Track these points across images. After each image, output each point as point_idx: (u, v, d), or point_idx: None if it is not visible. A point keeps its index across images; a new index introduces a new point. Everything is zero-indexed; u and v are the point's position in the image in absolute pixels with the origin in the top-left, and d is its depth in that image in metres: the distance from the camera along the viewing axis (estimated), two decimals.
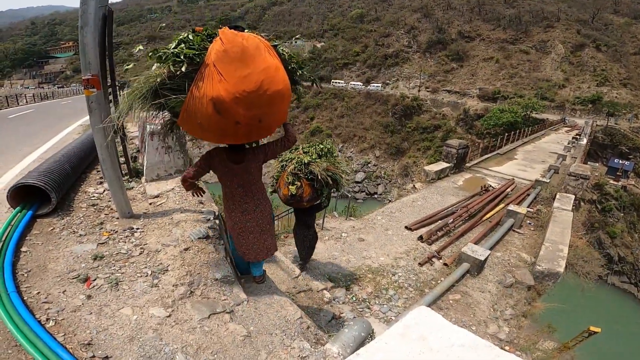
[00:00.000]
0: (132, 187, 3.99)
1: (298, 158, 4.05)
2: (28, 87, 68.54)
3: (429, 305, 4.85)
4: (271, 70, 2.09)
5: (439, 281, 5.57)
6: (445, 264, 6.08)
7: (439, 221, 7.78)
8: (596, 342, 5.02)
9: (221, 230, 3.25)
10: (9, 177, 4.73)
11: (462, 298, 5.23)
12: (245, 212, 2.63)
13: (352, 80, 60.03)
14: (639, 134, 36.31)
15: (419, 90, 53.07)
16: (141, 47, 2.73)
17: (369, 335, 2.42)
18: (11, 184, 3.14)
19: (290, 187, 3.93)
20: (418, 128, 48.86)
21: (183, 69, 2.02)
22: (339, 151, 50.82)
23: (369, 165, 49.38)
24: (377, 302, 4.99)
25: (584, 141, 24.59)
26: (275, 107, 2.23)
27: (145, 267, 2.55)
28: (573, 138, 25.82)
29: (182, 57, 2.03)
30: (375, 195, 45.31)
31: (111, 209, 3.47)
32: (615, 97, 43.23)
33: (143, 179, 4.00)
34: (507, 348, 4.40)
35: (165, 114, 2.43)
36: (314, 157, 4.05)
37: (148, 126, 3.78)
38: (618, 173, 31.31)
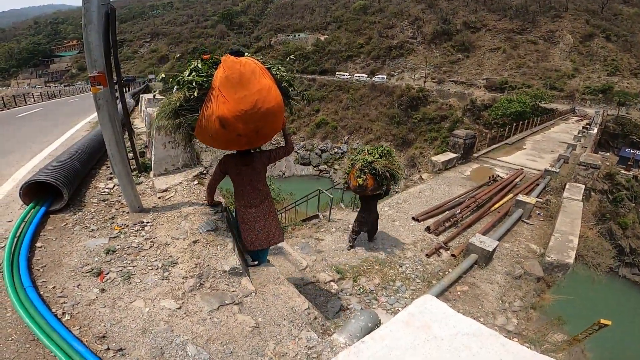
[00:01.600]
0: (141, 182, 4.04)
1: (364, 158, 5.28)
2: (35, 87, 69.15)
3: (437, 297, 4.85)
4: (264, 91, 2.51)
5: (446, 272, 5.56)
6: (452, 255, 6.06)
7: (447, 212, 7.74)
8: (606, 335, 4.96)
9: (229, 223, 3.27)
10: (21, 174, 4.82)
11: (470, 289, 5.21)
12: (252, 205, 3.08)
13: (356, 72, 59.57)
14: None
15: (424, 81, 52.47)
16: (164, 75, 2.91)
17: (376, 326, 2.44)
18: (23, 182, 3.20)
19: (358, 179, 5.24)
20: (424, 119, 48.38)
21: (195, 94, 2.52)
22: (345, 143, 50.76)
23: None
24: (384, 293, 4.99)
25: (595, 131, 24.13)
26: (269, 121, 2.64)
27: (156, 260, 2.60)
28: (583, 128, 25.35)
29: (194, 84, 2.53)
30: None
31: (121, 203, 3.52)
32: (626, 86, 42.34)
33: (151, 174, 4.04)
34: (515, 340, 4.39)
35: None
36: (376, 157, 5.27)
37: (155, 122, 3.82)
38: (629, 163, 30.69)
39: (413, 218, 7.36)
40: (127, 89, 22.64)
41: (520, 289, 5.44)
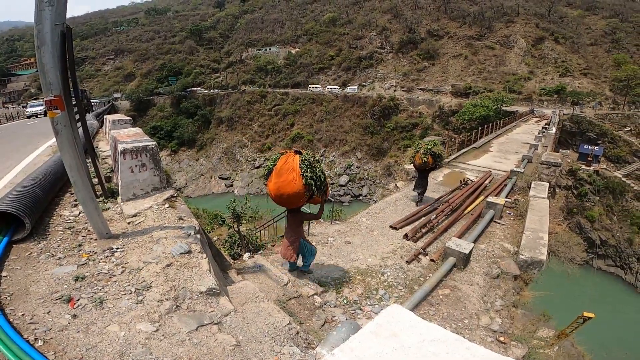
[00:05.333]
0: (109, 208, 3.87)
1: (426, 146, 8.54)
2: None
3: (419, 302, 4.90)
4: (285, 182, 4.24)
5: (427, 277, 5.65)
6: (432, 260, 6.18)
7: (423, 218, 7.92)
8: (592, 327, 5.15)
9: (203, 244, 3.19)
10: None
11: (452, 292, 5.31)
12: (286, 235, 4.99)
13: (328, 84, 60.47)
14: (604, 120, 38.26)
15: (394, 90, 54.02)
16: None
17: None
18: None
19: (423, 158, 8.37)
20: (397, 127, 49.66)
21: (266, 174, 4.53)
22: (321, 156, 51.13)
23: (352, 167, 49.79)
24: (368, 302, 5.01)
25: (553, 130, 25.64)
26: (285, 199, 4.41)
27: (129, 285, 2.52)
28: (542, 128, 26.82)
29: (266, 170, 4.50)
30: (361, 197, 45.64)
31: (88, 230, 3.38)
32: (578, 86, 45.40)
33: (119, 199, 3.87)
34: (501, 339, 4.47)
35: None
36: (433, 145, 8.58)
37: (119, 145, 3.66)
38: (589, 158, 32.85)
39: (391, 226, 7.46)
40: (89, 109, 21.51)
41: (500, 288, 5.60)
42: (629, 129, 37.27)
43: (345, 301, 4.98)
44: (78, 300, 2.34)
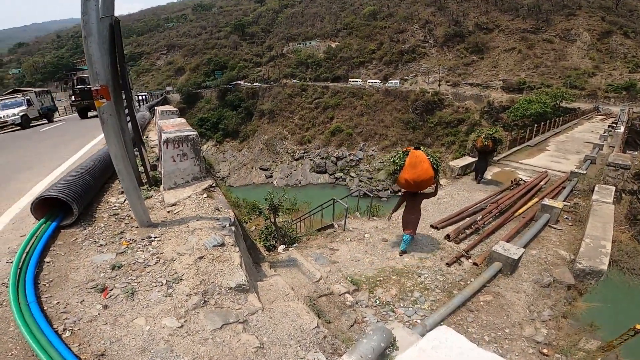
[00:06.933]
0: (151, 196, 4.01)
1: (487, 132, 9.48)
2: (60, 100, 71.94)
3: (457, 308, 4.58)
4: (422, 170, 5.42)
5: (468, 282, 5.27)
6: (475, 264, 5.75)
7: (467, 219, 7.42)
8: None
9: (237, 237, 3.17)
10: (38, 189, 4.89)
11: (494, 299, 4.91)
12: (410, 214, 6.06)
13: (369, 78, 59.45)
14: None
15: (439, 85, 51.73)
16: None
17: (390, 345, 2.25)
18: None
19: (485, 141, 9.31)
20: (441, 123, 47.62)
21: (397, 167, 5.63)
22: (360, 150, 50.52)
23: None
24: (401, 304, 4.77)
25: (621, 129, 22.96)
26: (422, 183, 5.55)
27: (161, 277, 2.53)
28: (609, 126, 24.20)
29: (396, 166, 5.62)
30: (399, 192, 44.36)
31: (131, 218, 3.49)
32: None
33: (161, 187, 4.01)
34: (544, 351, 4.09)
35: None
36: (494, 131, 9.55)
37: (163, 134, 3.77)
38: None
39: (432, 226, 7.09)
40: (143, 102, 22.37)
41: (550, 298, 5.09)
42: None
43: (377, 301, 4.79)
44: (112, 290, 2.38)
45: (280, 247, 7.02)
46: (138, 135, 4.58)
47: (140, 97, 21.43)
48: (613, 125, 25.04)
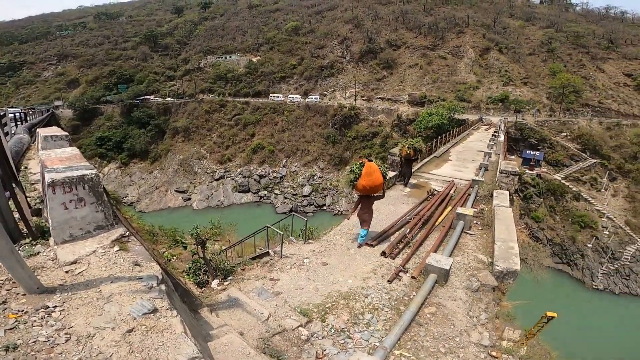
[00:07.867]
0: (38, 252, 3.12)
1: (410, 142, 11.69)
2: None
3: (409, 325, 4.63)
4: (376, 177, 6.88)
5: (411, 296, 5.43)
6: (413, 277, 5.97)
7: (397, 232, 7.75)
8: (557, 326, 5.24)
9: (170, 295, 2.60)
10: None
11: (438, 310, 5.14)
12: (364, 214, 7.21)
13: (290, 93, 60.20)
14: (543, 127, 41.88)
15: (355, 100, 55.07)
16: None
17: None
18: None
19: (408, 151, 11.40)
20: (358, 136, 50.50)
21: (356, 178, 7.06)
22: (283, 166, 50.50)
23: (315, 177, 49.69)
24: (356, 329, 4.66)
25: (502, 137, 27.30)
26: (375, 187, 6.95)
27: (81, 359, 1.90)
28: (492, 135, 28.49)
29: (354, 175, 7.07)
30: (324, 207, 45.52)
31: (13, 282, 2.63)
32: (519, 95, 49.33)
33: (51, 241, 3.14)
34: (493, 354, 4.36)
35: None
36: (412, 143, 11.62)
37: (47, 175, 2.92)
38: (531, 163, 35.70)
39: (367, 244, 7.19)
40: (21, 120, 17.21)
41: (482, 301, 5.52)
42: (565, 134, 41.12)
43: (332, 330, 4.58)
44: None
45: (214, 282, 6.30)
46: (8, 172, 3.57)
47: (14, 115, 16.88)
48: (495, 134, 29.63)
